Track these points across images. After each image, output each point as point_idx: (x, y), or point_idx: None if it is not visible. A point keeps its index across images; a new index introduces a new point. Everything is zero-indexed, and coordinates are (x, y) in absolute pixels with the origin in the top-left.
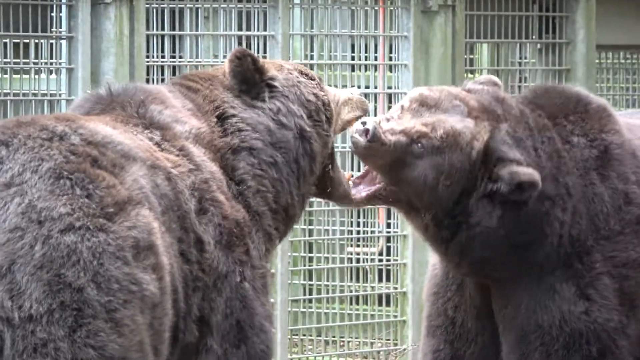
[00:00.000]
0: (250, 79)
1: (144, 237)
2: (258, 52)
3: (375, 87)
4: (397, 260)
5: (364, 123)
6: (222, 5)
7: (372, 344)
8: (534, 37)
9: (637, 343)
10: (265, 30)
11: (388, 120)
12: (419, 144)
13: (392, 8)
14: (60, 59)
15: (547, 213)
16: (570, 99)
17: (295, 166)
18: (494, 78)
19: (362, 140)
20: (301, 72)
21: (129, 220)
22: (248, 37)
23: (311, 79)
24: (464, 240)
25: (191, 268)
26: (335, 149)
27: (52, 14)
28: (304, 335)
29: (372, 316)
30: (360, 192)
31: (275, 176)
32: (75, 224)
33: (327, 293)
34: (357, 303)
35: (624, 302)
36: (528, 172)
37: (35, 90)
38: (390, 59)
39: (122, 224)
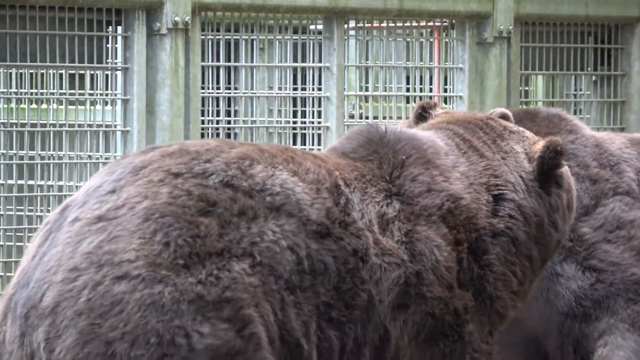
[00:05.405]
0: (549, 173)
1: (214, 292)
2: (313, 84)
3: None
4: None
5: None
6: (277, 37)
7: None
8: (589, 69)
9: None
10: (320, 61)
11: None
12: None
13: (447, 40)
14: (116, 90)
15: None
16: (519, 114)
17: (542, 263)
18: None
19: None
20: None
21: (201, 274)
22: (303, 69)
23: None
24: None
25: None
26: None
27: (107, 45)
28: None
29: None
30: None
31: (528, 266)
32: (132, 273)
33: None
34: None
35: None
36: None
37: (90, 121)
38: (446, 90)
39: (188, 278)
